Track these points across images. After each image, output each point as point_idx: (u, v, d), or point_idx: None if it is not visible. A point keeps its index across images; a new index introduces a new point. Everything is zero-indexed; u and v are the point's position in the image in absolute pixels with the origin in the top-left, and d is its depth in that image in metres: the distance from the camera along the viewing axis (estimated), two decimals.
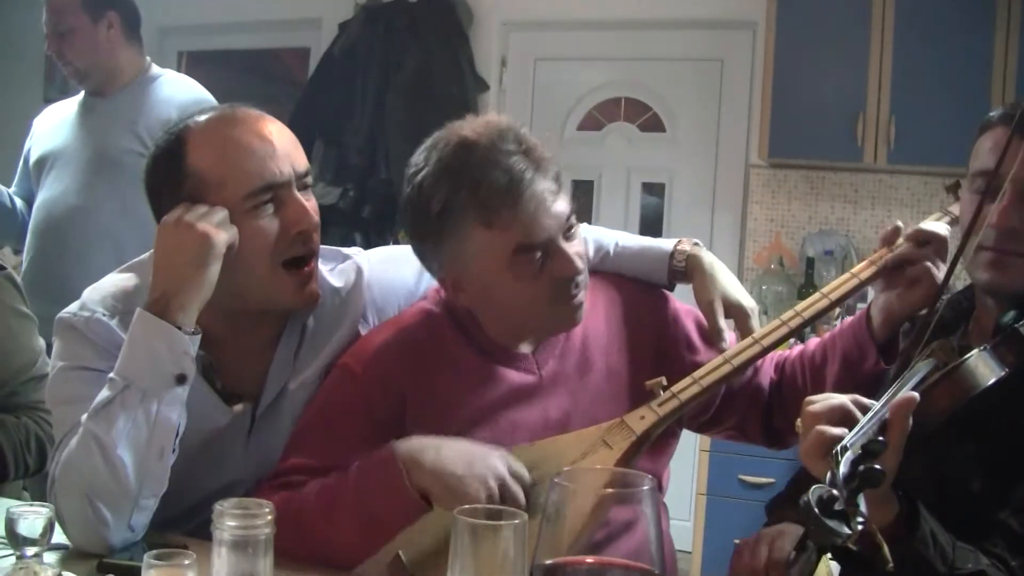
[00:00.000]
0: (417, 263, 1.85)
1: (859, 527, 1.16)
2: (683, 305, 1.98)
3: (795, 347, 2.01)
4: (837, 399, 1.42)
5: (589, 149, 5.12)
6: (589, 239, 1.95)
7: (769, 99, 4.46)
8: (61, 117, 3.36)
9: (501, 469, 1.61)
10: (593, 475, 1.23)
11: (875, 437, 1.29)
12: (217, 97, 3.09)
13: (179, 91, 3.30)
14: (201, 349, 1.74)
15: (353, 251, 2.00)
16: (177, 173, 1.74)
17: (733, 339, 1.89)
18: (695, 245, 1.97)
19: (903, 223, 1.86)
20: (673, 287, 1.99)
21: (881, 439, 1.27)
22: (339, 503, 1.65)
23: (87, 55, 3.24)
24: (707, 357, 1.88)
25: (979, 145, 1.64)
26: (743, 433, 2.03)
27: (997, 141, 1.57)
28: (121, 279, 1.85)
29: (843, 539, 1.15)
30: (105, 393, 1.63)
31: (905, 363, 1.54)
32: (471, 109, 4.20)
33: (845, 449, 1.26)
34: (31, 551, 1.47)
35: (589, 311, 1.82)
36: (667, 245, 1.97)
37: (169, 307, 1.65)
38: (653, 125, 5.12)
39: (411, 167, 1.74)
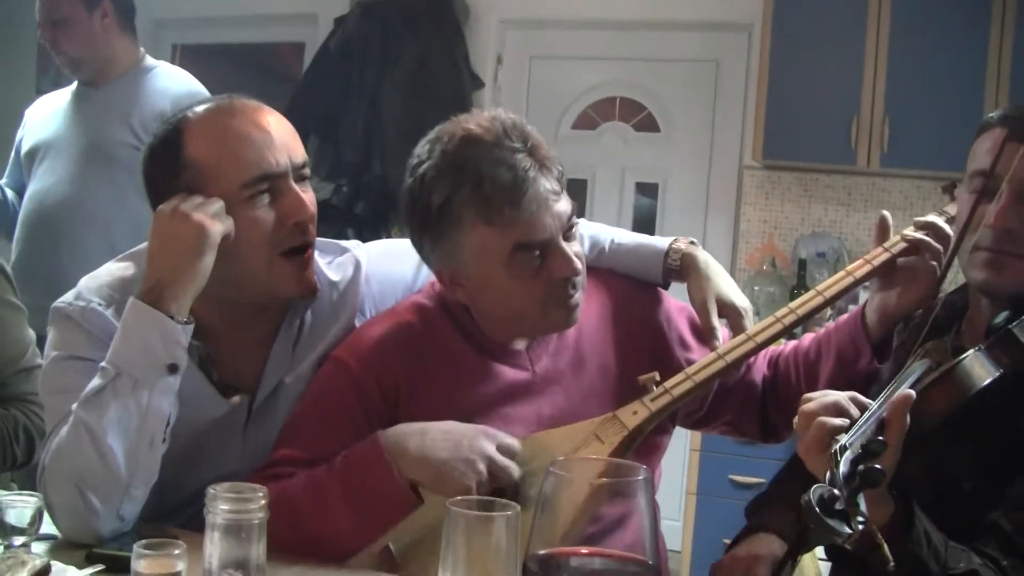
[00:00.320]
0: (416, 257, 1.85)
1: (860, 527, 1.16)
2: (677, 303, 1.98)
3: (789, 343, 2.00)
4: (833, 395, 1.42)
5: (583, 148, 5.12)
6: (584, 235, 1.94)
7: (764, 101, 4.46)
8: (54, 107, 3.34)
9: (488, 448, 1.61)
10: (588, 465, 1.22)
11: (874, 436, 1.28)
12: (211, 91, 3.07)
13: (173, 83, 3.29)
14: (198, 341, 1.74)
15: (351, 244, 2.00)
16: (175, 163, 1.73)
17: (727, 337, 1.88)
18: (690, 243, 1.96)
19: (890, 217, 1.85)
20: (668, 285, 1.98)
21: (881, 438, 1.27)
22: (328, 495, 1.64)
23: (81, 45, 3.23)
24: (700, 355, 1.88)
25: (977, 146, 1.65)
26: (738, 429, 2.02)
27: (996, 142, 1.58)
28: (118, 268, 1.84)
29: (844, 539, 1.15)
30: (96, 381, 1.63)
31: (899, 362, 1.54)
32: (466, 106, 4.20)
33: (844, 448, 1.26)
34: (19, 540, 1.47)
35: (583, 308, 1.81)
36: (662, 243, 1.97)
37: (163, 296, 1.64)
38: (648, 125, 5.12)
39: (413, 158, 1.73)
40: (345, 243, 1.99)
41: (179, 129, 1.75)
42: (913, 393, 1.35)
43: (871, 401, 1.40)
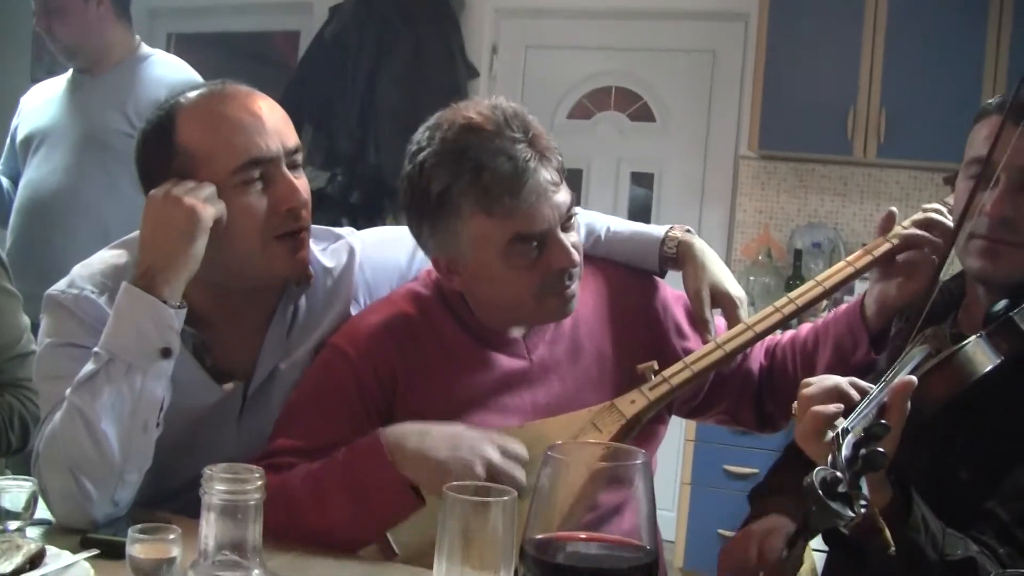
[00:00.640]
0: (411, 245, 1.84)
1: (862, 510, 1.15)
2: (673, 291, 1.98)
3: (786, 333, 2.00)
4: (832, 380, 1.42)
5: (579, 138, 5.11)
6: (581, 223, 1.94)
7: (760, 91, 4.46)
8: (49, 95, 3.33)
9: (490, 453, 1.59)
10: (586, 449, 1.22)
11: (877, 420, 1.28)
12: (206, 80, 3.06)
13: (169, 72, 3.28)
14: (192, 327, 1.74)
15: (346, 231, 1.99)
16: (167, 148, 1.73)
17: (721, 327, 1.88)
18: (687, 232, 1.96)
19: (897, 212, 1.85)
20: (664, 273, 1.98)
21: (884, 422, 1.26)
22: (328, 491, 1.63)
23: (77, 32, 3.21)
24: (697, 344, 1.87)
25: (975, 133, 1.64)
26: (735, 418, 2.02)
27: (993, 129, 1.57)
28: (111, 255, 1.84)
29: (846, 522, 1.15)
30: (90, 367, 1.62)
31: (896, 349, 1.54)
32: (461, 96, 4.16)
33: (847, 432, 1.25)
34: (13, 525, 1.46)
35: (579, 297, 1.81)
36: (659, 231, 1.96)
37: (155, 281, 1.64)
38: (643, 115, 5.12)
39: (412, 144, 1.73)
40: (339, 230, 1.99)
41: (171, 115, 1.75)
42: (915, 379, 1.35)
43: (871, 385, 1.40)
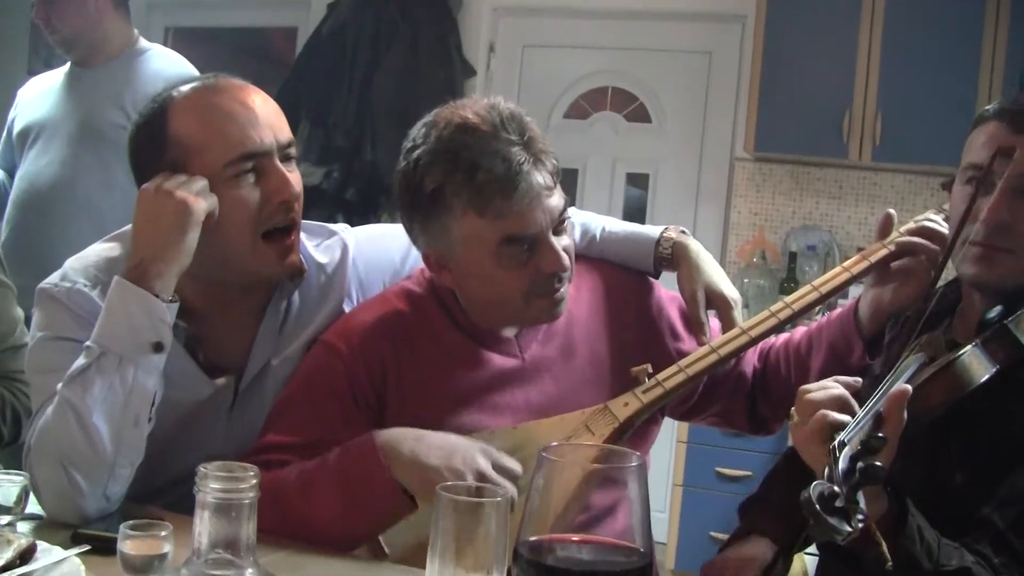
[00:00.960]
0: (404, 242, 1.84)
1: (860, 524, 1.15)
2: (668, 292, 1.98)
3: (780, 336, 2.00)
4: (837, 389, 1.41)
5: (575, 137, 5.11)
6: (576, 223, 1.94)
7: (756, 93, 4.46)
8: (46, 88, 3.32)
9: (482, 464, 1.58)
10: (580, 451, 1.22)
11: (873, 432, 1.27)
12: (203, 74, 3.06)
13: (167, 66, 3.27)
14: (185, 321, 1.73)
15: (340, 227, 1.99)
16: (159, 141, 1.73)
17: (716, 328, 1.88)
18: (682, 233, 1.96)
19: (895, 214, 1.85)
20: (659, 274, 1.98)
21: (881, 435, 1.25)
22: (320, 491, 1.63)
23: (75, 23, 3.20)
24: (691, 345, 1.88)
25: (972, 139, 1.64)
26: (727, 420, 2.02)
27: (991, 135, 1.57)
28: (104, 249, 1.83)
29: (844, 536, 1.13)
30: (81, 360, 1.62)
31: (891, 356, 1.53)
32: (458, 94, 4.18)
33: (843, 444, 1.24)
34: (4, 520, 1.46)
35: (573, 296, 1.81)
36: (654, 232, 1.96)
37: (147, 274, 1.64)
38: (639, 115, 5.12)
39: (408, 141, 1.72)
40: (333, 226, 1.99)
41: (164, 107, 1.75)
42: (910, 388, 1.35)
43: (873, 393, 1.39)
